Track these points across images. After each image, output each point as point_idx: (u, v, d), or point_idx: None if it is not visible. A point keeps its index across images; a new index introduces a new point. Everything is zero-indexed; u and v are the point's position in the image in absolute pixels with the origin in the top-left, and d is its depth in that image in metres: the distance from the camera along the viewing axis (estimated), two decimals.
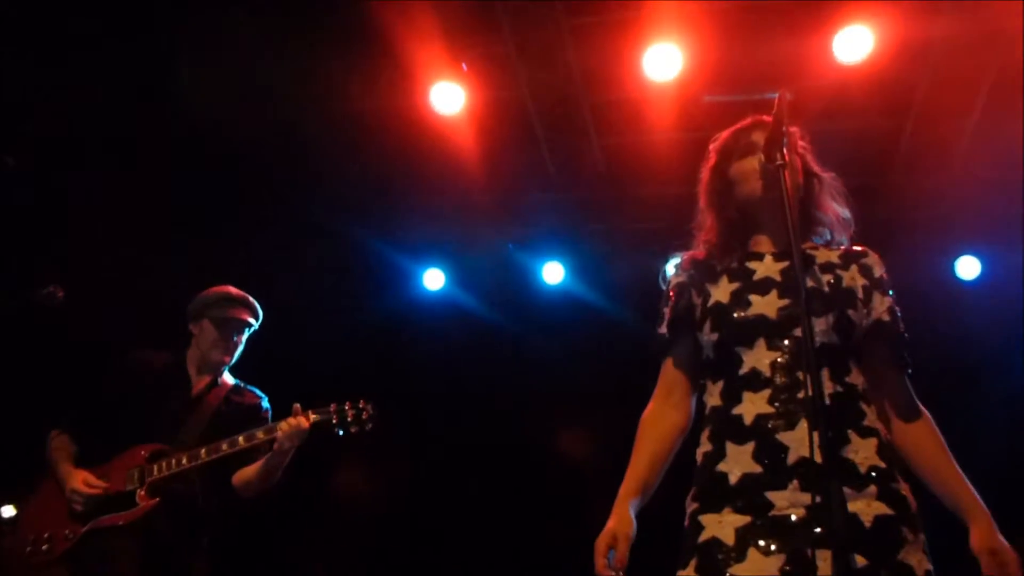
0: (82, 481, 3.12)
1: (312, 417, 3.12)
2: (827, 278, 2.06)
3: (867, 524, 1.81)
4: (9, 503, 4.87)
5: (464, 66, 4.93)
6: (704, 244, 2.25)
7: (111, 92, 4.78)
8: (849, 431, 1.92)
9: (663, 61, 4.61)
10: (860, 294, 2.08)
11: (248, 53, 4.68)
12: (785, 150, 1.92)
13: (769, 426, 1.91)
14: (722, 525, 1.88)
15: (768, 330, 2.00)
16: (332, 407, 3.17)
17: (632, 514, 2.04)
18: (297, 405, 3.13)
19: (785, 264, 2.10)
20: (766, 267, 2.12)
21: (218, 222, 5.65)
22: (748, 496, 1.88)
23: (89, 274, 4.77)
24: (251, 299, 3.54)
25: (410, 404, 6.27)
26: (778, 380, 1.95)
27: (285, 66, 4.85)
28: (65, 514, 3.11)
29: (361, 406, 3.18)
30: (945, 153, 5.32)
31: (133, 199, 5.30)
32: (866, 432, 1.94)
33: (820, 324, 1.96)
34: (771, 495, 1.85)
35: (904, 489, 1.93)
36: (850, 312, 2.02)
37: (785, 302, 2.02)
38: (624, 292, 6.10)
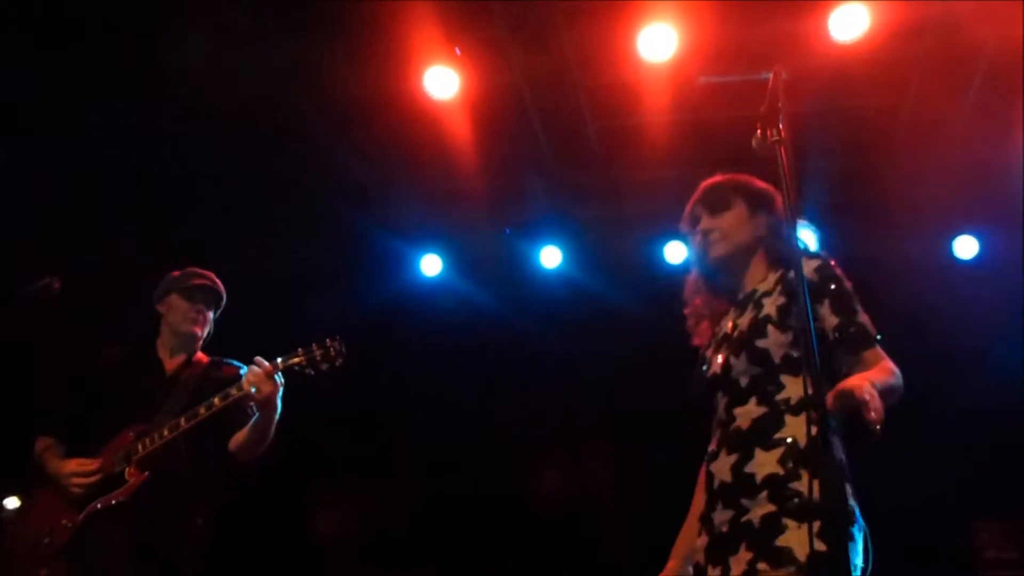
0: (76, 463, 3.14)
1: (280, 362, 3.06)
2: (748, 316, 2.27)
3: (756, 525, 2.06)
4: (13, 495, 4.89)
5: (457, 50, 4.90)
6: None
7: (103, 80, 4.75)
8: (756, 448, 2.13)
9: (658, 42, 4.58)
10: (775, 315, 2.22)
11: (242, 38, 4.65)
12: (781, 126, 1.96)
13: (709, 459, 2.26)
14: (701, 548, 2.23)
15: (721, 383, 2.26)
16: (299, 350, 3.10)
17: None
18: (258, 357, 3.07)
19: (736, 317, 2.34)
20: (726, 322, 2.37)
21: (212, 208, 5.63)
22: (704, 519, 2.23)
23: (84, 264, 4.76)
24: (214, 276, 3.51)
25: (407, 389, 6.28)
26: (723, 421, 2.24)
27: (278, 51, 4.81)
28: (62, 505, 3.12)
29: (328, 343, 3.12)
30: (943, 132, 5.29)
31: (124, 186, 5.29)
32: (773, 444, 2.12)
33: (739, 364, 2.21)
34: (713, 516, 2.18)
35: (800, 485, 2.03)
36: (758, 342, 2.20)
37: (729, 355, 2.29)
38: (621, 275, 6.09)
